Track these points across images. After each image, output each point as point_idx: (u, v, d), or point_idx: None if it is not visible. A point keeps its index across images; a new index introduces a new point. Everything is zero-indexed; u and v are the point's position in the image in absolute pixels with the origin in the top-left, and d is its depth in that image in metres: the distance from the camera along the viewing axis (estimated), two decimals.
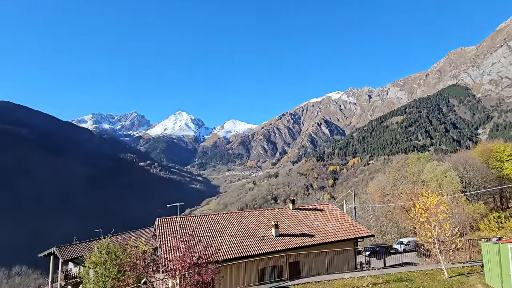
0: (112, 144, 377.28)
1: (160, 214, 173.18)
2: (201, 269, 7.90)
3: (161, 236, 15.95)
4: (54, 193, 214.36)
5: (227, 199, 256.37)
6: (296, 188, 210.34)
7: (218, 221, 18.84)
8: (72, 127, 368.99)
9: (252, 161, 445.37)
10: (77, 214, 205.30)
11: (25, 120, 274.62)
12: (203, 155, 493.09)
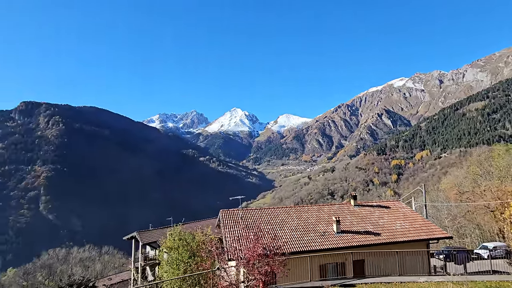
0: (176, 141, 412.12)
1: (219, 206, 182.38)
2: (270, 259, 8.20)
3: (226, 227, 16.97)
4: (132, 186, 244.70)
5: (282, 193, 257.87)
6: (354, 184, 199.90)
7: (278, 215, 19.14)
8: (143, 127, 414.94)
9: (307, 155, 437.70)
10: (150, 204, 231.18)
11: (107, 122, 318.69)
12: (257, 150, 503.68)
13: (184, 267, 15.86)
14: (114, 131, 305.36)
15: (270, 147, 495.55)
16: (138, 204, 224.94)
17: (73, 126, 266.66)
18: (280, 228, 17.63)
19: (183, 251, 16.28)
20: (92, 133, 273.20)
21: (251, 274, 7.82)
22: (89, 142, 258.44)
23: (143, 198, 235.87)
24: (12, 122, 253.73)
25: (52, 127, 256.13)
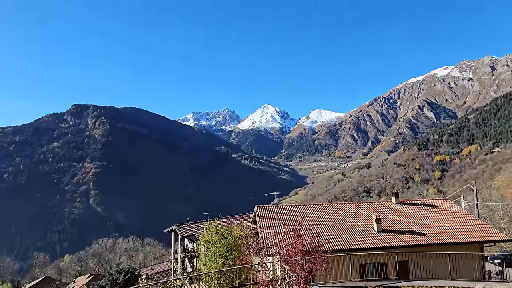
0: (209, 139, 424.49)
1: (252, 202, 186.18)
2: (312, 257, 8.06)
3: (262, 222, 17.09)
4: (169, 182, 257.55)
5: (315, 190, 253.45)
6: (392, 181, 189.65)
7: (314, 212, 18.79)
8: (179, 125, 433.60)
9: (340, 151, 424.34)
10: (186, 199, 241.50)
11: (146, 121, 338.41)
12: (289, 146, 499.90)
13: (222, 260, 16.34)
14: (153, 130, 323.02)
15: (302, 143, 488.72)
16: (175, 199, 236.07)
17: (117, 126, 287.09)
18: (316, 225, 17.29)
19: (220, 245, 16.78)
20: (133, 132, 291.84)
21: (293, 270, 7.75)
22: (131, 140, 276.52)
23: (179, 193, 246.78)
24: (65, 124, 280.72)
25: (98, 127, 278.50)
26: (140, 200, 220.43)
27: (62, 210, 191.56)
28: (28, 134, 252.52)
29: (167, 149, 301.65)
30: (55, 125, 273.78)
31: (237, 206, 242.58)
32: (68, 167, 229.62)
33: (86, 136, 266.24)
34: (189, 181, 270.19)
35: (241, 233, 18.58)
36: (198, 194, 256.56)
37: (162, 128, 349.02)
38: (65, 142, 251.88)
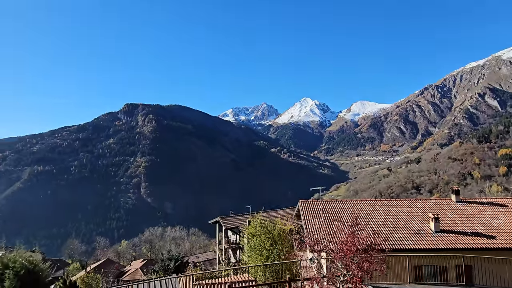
0: (248, 133, 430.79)
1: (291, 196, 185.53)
2: (369, 256, 7.65)
3: (306, 218, 16.81)
4: (210, 176, 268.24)
5: (357, 185, 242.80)
6: (446, 177, 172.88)
7: (362, 208, 17.90)
8: (219, 121, 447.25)
9: (386, 145, 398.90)
10: (226, 192, 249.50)
11: (189, 118, 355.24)
12: (329, 140, 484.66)
13: (266, 253, 16.49)
14: (195, 125, 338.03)
15: (343, 136, 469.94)
16: (216, 192, 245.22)
17: (163, 123, 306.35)
18: (365, 223, 16.45)
19: (265, 239, 16.93)
20: (177, 128, 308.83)
21: (349, 269, 7.42)
22: (176, 136, 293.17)
23: (220, 186, 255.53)
24: (119, 122, 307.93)
25: (147, 124, 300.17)
26: (185, 192, 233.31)
27: (118, 200, 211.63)
28: (89, 132, 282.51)
29: (209, 144, 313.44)
30: (110, 123, 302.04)
31: (277, 200, 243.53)
32: (122, 161, 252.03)
33: (137, 132, 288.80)
34: (230, 175, 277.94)
35: (285, 227, 18.51)
36: (238, 187, 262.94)
37: (204, 124, 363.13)
38: (119, 139, 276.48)
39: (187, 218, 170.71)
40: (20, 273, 4.89)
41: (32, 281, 5.08)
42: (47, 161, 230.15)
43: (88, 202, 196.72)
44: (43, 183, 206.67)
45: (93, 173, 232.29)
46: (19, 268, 4.91)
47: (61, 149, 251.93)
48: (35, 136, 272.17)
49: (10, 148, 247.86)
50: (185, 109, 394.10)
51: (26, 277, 4.96)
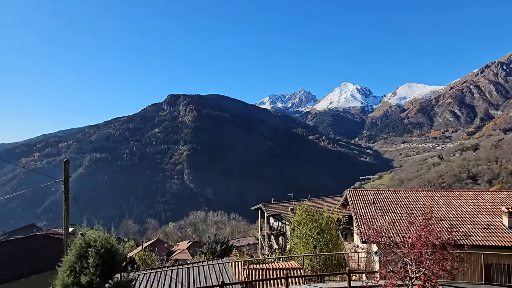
0: (285, 121, 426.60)
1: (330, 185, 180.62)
2: (446, 253, 6.92)
3: (356, 208, 16.06)
4: (248, 163, 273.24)
5: (403, 174, 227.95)
6: (510, 166, 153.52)
7: (418, 199, 16.54)
8: (256, 109, 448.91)
9: (437, 130, 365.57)
10: (264, 179, 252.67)
11: (227, 107, 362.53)
12: (372, 127, 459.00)
13: (314, 242, 16.22)
14: (233, 114, 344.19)
15: (387, 122, 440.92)
16: (254, 178, 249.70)
17: (202, 112, 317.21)
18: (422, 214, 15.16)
19: (312, 227, 16.64)
20: (216, 117, 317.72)
21: (422, 266, 6.78)
22: (215, 124, 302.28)
23: (258, 173, 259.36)
24: (163, 112, 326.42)
25: (188, 113, 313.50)
26: (225, 179, 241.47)
27: (164, 185, 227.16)
28: (137, 122, 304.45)
29: (246, 131, 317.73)
30: (155, 114, 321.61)
31: (315, 188, 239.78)
32: (167, 149, 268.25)
33: (179, 122, 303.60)
34: (267, 162, 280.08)
35: (332, 216, 17.98)
36: (276, 175, 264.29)
37: (241, 112, 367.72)
38: (163, 128, 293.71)
39: (227, 204, 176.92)
40: (101, 252, 5.28)
41: (110, 259, 5.45)
42: (103, 149, 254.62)
43: (138, 187, 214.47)
44: (100, 169, 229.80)
45: (142, 160, 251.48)
46: (99, 247, 5.30)
47: (114, 138, 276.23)
48: (92, 127, 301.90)
49: (73, 138, 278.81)
50: (223, 98, 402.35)
51: (105, 256, 5.35)
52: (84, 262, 5.36)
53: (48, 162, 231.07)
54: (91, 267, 5.28)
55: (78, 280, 5.18)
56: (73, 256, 5.47)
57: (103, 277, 5.37)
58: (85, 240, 5.61)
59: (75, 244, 5.70)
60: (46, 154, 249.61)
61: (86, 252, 5.48)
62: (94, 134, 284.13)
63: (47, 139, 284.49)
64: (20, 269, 17.95)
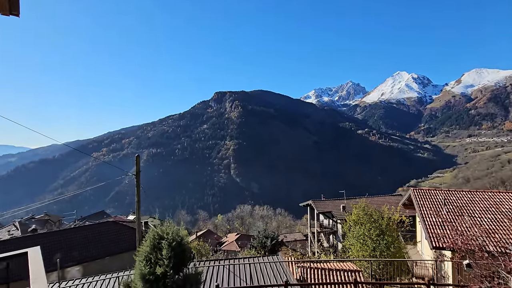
0: (331, 115, 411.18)
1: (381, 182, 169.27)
2: None
3: (422, 209, 14.46)
4: (293, 158, 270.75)
5: (469, 172, 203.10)
6: None
7: (502, 201, 14.22)
8: (301, 103, 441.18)
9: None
10: (310, 175, 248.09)
11: (271, 102, 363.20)
12: (430, 119, 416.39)
13: (373, 244, 15.11)
14: (278, 109, 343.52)
15: (450, 114, 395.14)
16: (299, 174, 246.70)
17: (247, 108, 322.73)
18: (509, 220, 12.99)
19: (370, 227, 15.53)
20: (261, 112, 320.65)
21: None
22: (260, 120, 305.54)
23: (303, 168, 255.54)
24: (210, 109, 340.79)
25: (234, 110, 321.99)
26: (270, 173, 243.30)
27: (212, 179, 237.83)
28: (188, 119, 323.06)
29: (291, 126, 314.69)
30: (203, 111, 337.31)
31: (363, 185, 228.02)
32: (214, 145, 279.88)
33: (226, 118, 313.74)
34: (312, 157, 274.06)
35: (394, 216, 16.54)
36: (321, 170, 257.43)
37: (286, 107, 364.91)
38: (211, 124, 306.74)
39: (272, 198, 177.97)
40: (172, 244, 5.43)
41: (180, 252, 5.59)
42: (158, 145, 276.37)
43: (189, 180, 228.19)
44: (156, 163, 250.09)
45: (192, 155, 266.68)
46: (171, 239, 5.45)
47: (167, 134, 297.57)
48: (149, 124, 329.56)
49: (133, 135, 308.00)
50: (268, 94, 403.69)
51: (176, 248, 5.50)
52: (158, 253, 5.60)
53: (113, 156, 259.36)
54: (164, 258, 5.49)
55: (153, 271, 5.42)
56: (148, 247, 5.75)
57: (175, 269, 5.55)
58: (158, 232, 5.87)
59: (149, 236, 6.00)
60: (112, 149, 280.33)
61: (159, 244, 5.71)
62: (150, 131, 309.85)
63: (112, 136, 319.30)
64: (96, 251, 20.34)
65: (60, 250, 19.18)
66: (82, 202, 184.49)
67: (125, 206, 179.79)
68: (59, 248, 19.37)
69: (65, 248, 19.52)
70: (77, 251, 19.62)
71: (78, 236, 21.09)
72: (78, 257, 19.34)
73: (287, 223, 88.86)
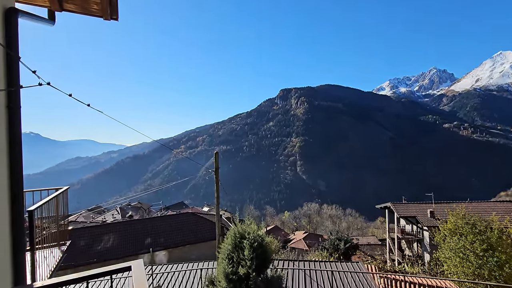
0: (409, 107, 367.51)
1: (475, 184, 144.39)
2: None
3: None
4: (363, 155, 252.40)
5: None
6: None
7: None
8: (373, 96, 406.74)
9: None
10: (382, 173, 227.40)
11: (339, 96, 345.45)
12: None
13: (479, 261, 12.44)
14: (346, 103, 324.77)
15: None
16: (370, 172, 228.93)
17: (314, 103, 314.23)
18: None
19: (474, 240, 12.84)
20: (328, 107, 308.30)
21: None
22: (327, 115, 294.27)
23: (374, 166, 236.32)
24: (276, 106, 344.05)
25: (299, 106, 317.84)
26: (338, 171, 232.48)
27: (278, 176, 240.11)
28: (254, 117, 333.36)
29: (361, 121, 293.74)
30: (269, 108, 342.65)
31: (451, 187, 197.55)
32: (280, 141, 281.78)
33: (291, 115, 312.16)
34: (386, 154, 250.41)
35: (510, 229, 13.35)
36: (397, 168, 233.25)
37: (356, 101, 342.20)
38: (277, 121, 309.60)
39: (340, 197, 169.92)
40: (254, 245, 5.21)
41: (261, 253, 5.34)
42: (228, 142, 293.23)
43: (256, 176, 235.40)
44: (227, 159, 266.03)
45: (259, 151, 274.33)
46: (252, 240, 5.24)
47: (236, 132, 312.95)
48: (220, 123, 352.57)
49: (206, 133, 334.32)
50: (335, 88, 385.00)
51: (257, 249, 5.28)
52: (240, 253, 5.49)
53: (190, 153, 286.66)
54: (246, 259, 5.34)
55: (236, 270, 5.34)
56: (229, 245, 5.72)
57: (257, 270, 5.35)
58: (239, 231, 5.77)
59: (229, 234, 5.96)
60: (189, 146, 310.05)
61: (241, 243, 5.60)
62: (221, 129, 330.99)
63: (188, 134, 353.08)
64: (178, 238, 22.49)
65: (150, 235, 21.89)
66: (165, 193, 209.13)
67: (200, 198, 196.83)
68: (150, 233, 22.12)
69: (154, 234, 22.15)
70: (163, 238, 22.04)
71: (164, 224, 23.66)
72: (164, 243, 21.70)
73: (358, 225, 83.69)
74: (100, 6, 4.02)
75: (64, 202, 5.48)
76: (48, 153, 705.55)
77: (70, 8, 4.05)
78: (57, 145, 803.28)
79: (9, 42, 3.11)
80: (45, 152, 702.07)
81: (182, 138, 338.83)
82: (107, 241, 20.53)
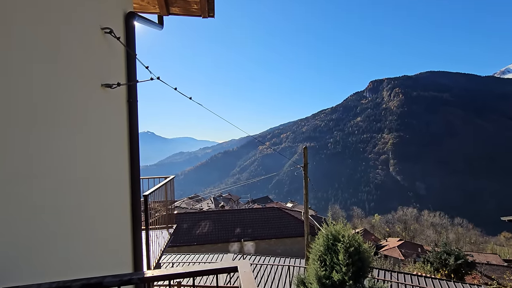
0: None
1: None
2: None
3: None
4: (480, 154, 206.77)
5: None
6: None
7: None
8: (495, 81, 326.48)
9: None
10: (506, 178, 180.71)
11: (445, 84, 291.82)
12: None
13: None
14: (454, 92, 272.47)
15: None
16: (488, 175, 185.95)
17: (411, 94, 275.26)
18: None
19: None
20: (429, 98, 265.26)
21: None
22: (428, 108, 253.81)
23: (495, 169, 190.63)
24: (365, 100, 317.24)
25: (393, 98, 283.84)
26: (441, 173, 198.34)
27: (367, 175, 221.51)
28: (340, 112, 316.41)
29: (477, 113, 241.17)
30: (357, 102, 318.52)
31: None
32: (369, 138, 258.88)
33: (383, 109, 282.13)
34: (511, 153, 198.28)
35: None
36: None
37: (468, 89, 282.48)
38: (366, 116, 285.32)
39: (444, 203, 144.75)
40: (349, 250, 4.64)
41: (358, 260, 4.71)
42: (312, 139, 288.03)
43: (342, 174, 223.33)
44: (310, 155, 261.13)
45: (344, 148, 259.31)
46: (347, 244, 4.67)
47: (320, 128, 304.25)
48: (303, 120, 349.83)
49: (289, 130, 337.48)
50: (440, 74, 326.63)
51: (354, 255, 4.68)
52: (334, 256, 5.02)
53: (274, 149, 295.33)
54: (341, 264, 4.83)
55: (329, 275, 4.90)
56: (321, 246, 5.32)
57: (354, 279, 4.77)
58: (332, 233, 5.30)
59: (321, 234, 5.54)
60: (273, 143, 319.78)
61: (334, 246, 5.12)
62: (304, 125, 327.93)
63: (273, 131, 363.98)
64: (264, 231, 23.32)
65: (239, 225, 23.44)
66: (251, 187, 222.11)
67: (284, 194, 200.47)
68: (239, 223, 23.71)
69: (242, 224, 23.60)
70: (251, 229, 23.23)
71: (252, 216, 24.96)
72: (251, 234, 22.85)
73: (472, 238, 70.58)
74: (199, 6, 4.24)
75: (171, 189, 6.21)
76: (160, 148, 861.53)
77: (175, 11, 4.43)
78: (166, 142, 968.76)
79: (128, 41, 3.51)
80: (158, 148, 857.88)
81: (266, 135, 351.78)
82: (204, 227, 23.03)
